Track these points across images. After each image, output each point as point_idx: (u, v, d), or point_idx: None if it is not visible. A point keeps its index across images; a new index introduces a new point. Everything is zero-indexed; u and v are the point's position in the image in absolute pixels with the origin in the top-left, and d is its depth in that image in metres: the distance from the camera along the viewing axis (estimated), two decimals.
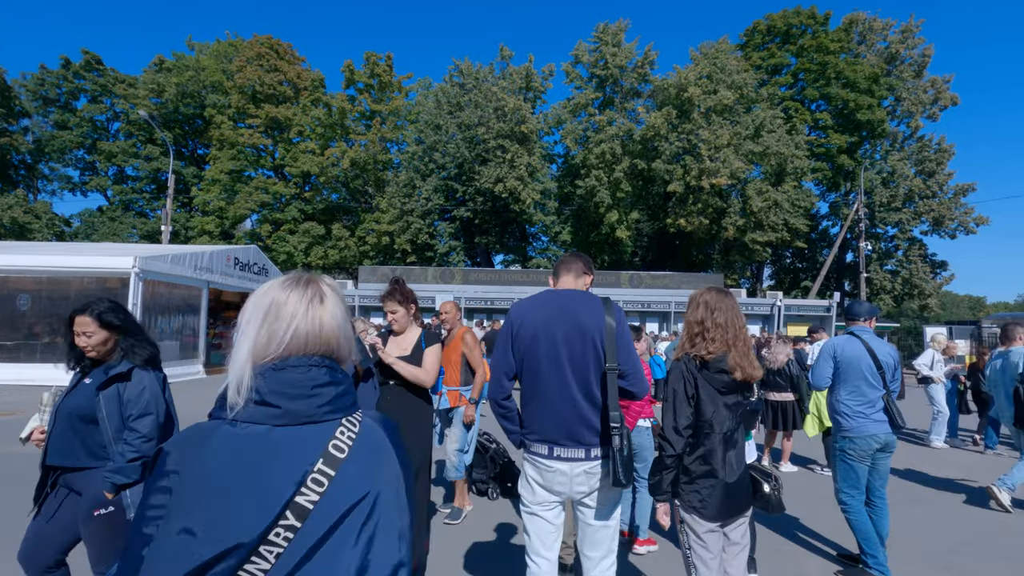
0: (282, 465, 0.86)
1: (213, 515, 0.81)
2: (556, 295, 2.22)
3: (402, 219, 29.17)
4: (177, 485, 0.83)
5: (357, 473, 0.90)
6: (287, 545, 0.83)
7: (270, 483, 0.85)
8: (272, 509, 0.83)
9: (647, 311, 22.59)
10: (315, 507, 0.85)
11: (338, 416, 0.94)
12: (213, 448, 0.86)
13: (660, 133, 24.14)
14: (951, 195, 30.97)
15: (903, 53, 32.30)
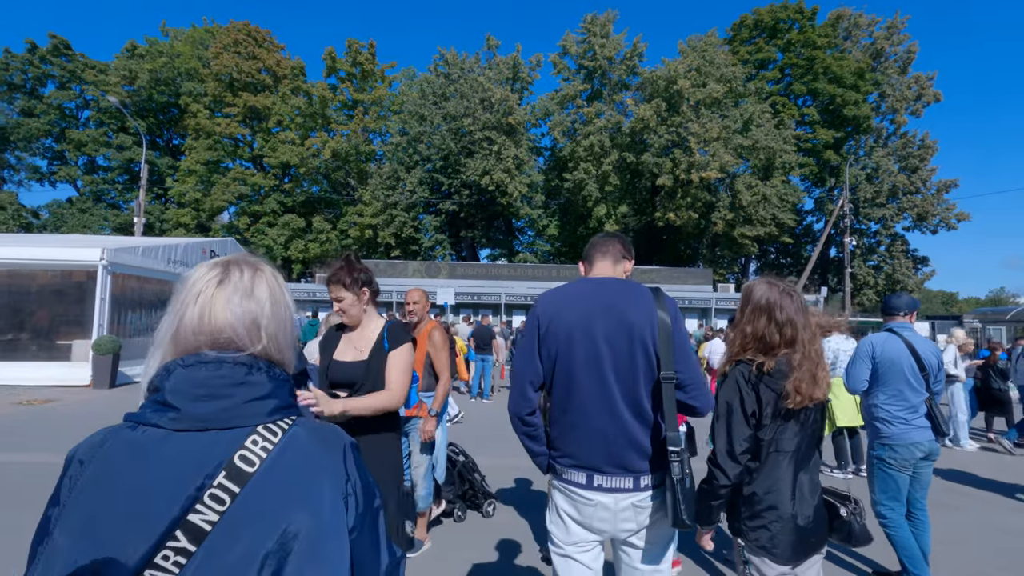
0: (175, 476, 0.72)
1: (89, 528, 0.71)
2: (594, 285, 1.80)
3: (386, 212, 28.52)
4: (66, 489, 0.75)
5: (271, 493, 0.73)
6: (178, 572, 0.69)
7: (159, 497, 0.72)
8: (157, 528, 0.70)
9: None
10: (214, 528, 0.71)
11: (252, 423, 0.77)
12: (106, 452, 0.76)
13: (649, 126, 23.87)
14: (934, 191, 31.36)
15: (888, 50, 32.56)
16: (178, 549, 0.70)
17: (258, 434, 0.77)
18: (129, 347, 12.49)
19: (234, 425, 0.77)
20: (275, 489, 0.74)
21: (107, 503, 0.72)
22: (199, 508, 0.71)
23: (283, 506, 0.73)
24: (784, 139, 24.86)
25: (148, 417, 0.77)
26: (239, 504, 0.72)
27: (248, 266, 0.88)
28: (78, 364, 11.59)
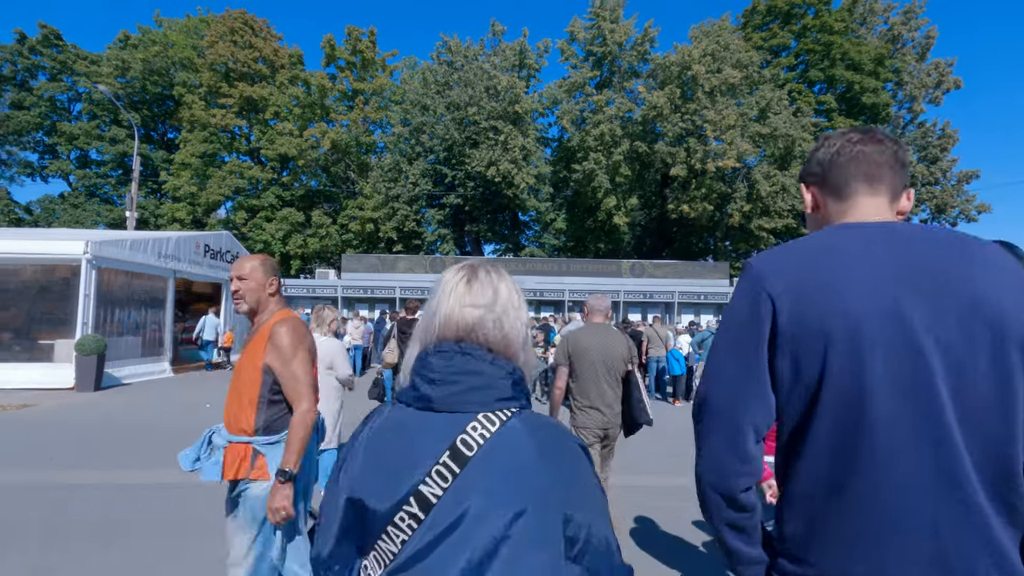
0: (416, 450, 0.85)
1: (361, 478, 0.87)
2: (887, 236, 0.92)
3: (387, 205, 27.76)
4: (347, 446, 0.94)
5: (482, 477, 0.82)
6: (411, 535, 0.82)
7: (404, 466, 0.85)
8: (399, 492, 0.83)
9: (649, 302, 21.61)
10: (438, 501, 0.81)
11: (474, 410, 0.86)
12: (377, 422, 0.93)
13: (663, 113, 23.05)
14: (955, 182, 30.53)
15: (905, 35, 31.66)
16: (411, 514, 0.82)
17: (478, 421, 0.85)
18: (116, 347, 11.75)
19: (458, 410, 0.87)
20: (489, 474, 0.82)
21: (373, 463, 0.88)
22: (428, 481, 0.82)
23: (493, 491, 0.81)
24: (802, 127, 24.01)
25: (403, 396, 0.93)
26: (459, 483, 0.81)
27: (491, 270, 1.00)
28: (60, 365, 10.86)
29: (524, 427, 0.86)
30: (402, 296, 20.03)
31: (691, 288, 21.84)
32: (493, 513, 0.79)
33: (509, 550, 0.78)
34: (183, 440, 6.75)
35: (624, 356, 3.65)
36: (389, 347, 6.91)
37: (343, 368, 4.61)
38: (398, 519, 0.82)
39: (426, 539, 0.80)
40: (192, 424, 8.36)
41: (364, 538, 0.87)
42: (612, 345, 3.63)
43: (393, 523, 0.83)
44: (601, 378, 3.58)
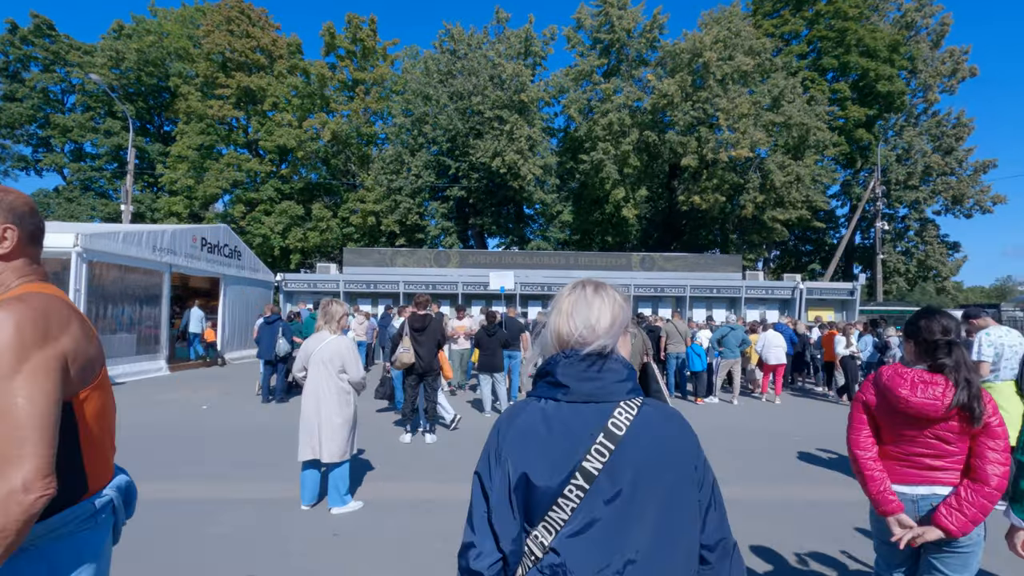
0: (572, 434, 1.08)
1: (522, 462, 1.08)
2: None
3: (389, 198, 27.22)
4: (496, 439, 1.14)
5: (640, 449, 1.07)
6: (578, 503, 1.05)
7: (564, 448, 1.07)
8: (565, 469, 1.06)
9: (660, 295, 21.10)
10: (599, 473, 1.05)
11: (616, 399, 1.11)
12: (524, 416, 1.13)
13: (673, 102, 22.46)
14: (971, 172, 29.93)
15: (919, 23, 30.98)
16: (577, 485, 1.05)
17: (621, 407, 1.10)
18: (108, 344, 11.26)
19: (605, 400, 1.11)
20: (639, 448, 1.07)
21: (531, 448, 1.09)
22: (588, 458, 1.05)
23: (651, 461, 1.07)
24: (817, 115, 23.42)
25: (547, 392, 1.15)
26: (615, 457, 1.05)
27: (603, 286, 1.23)
28: None
29: (654, 411, 1.12)
30: (406, 291, 19.53)
31: (703, 282, 21.30)
32: (649, 476, 1.06)
33: (668, 498, 1.06)
34: (178, 445, 6.11)
35: (639, 349, 3.74)
36: (404, 346, 6.41)
37: (355, 371, 4.12)
38: (567, 492, 1.05)
39: (596, 504, 1.05)
40: (188, 427, 7.94)
41: (531, 513, 1.09)
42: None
43: (563, 496, 1.05)
44: None
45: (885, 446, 2.09)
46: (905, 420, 2.00)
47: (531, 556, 1.09)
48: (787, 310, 21.95)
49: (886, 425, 2.07)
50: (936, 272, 31.15)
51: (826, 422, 9.01)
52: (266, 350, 9.06)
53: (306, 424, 3.98)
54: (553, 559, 1.06)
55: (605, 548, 1.04)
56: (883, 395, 2.04)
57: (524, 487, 1.07)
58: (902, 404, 1.98)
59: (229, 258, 16.75)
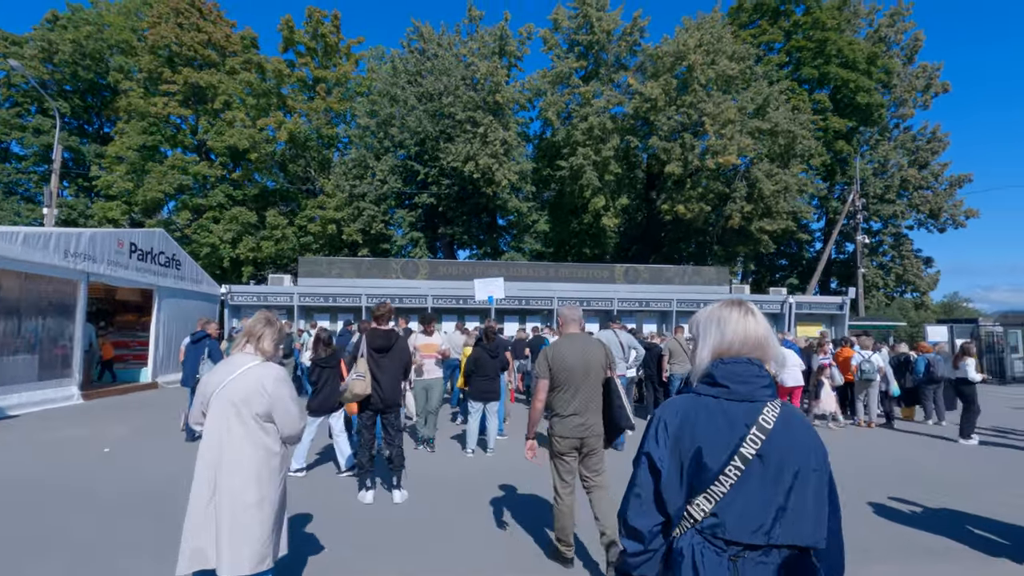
0: (731, 425, 1.39)
1: (688, 446, 1.41)
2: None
3: (352, 205, 25.53)
4: (661, 430, 1.46)
5: (783, 441, 1.38)
6: (735, 480, 1.35)
7: (724, 436, 1.39)
8: (725, 453, 1.37)
9: (645, 310, 20.02)
10: (752, 458, 1.36)
11: (763, 399, 1.43)
12: (688, 409, 1.45)
13: (657, 106, 21.67)
14: (946, 186, 30.28)
15: (891, 38, 31.49)
16: (735, 467, 1.36)
17: (768, 406, 1.42)
18: (4, 368, 9.39)
19: (755, 399, 1.43)
20: (782, 438, 1.39)
21: (703, 432, 1.40)
22: (745, 444, 1.36)
23: (795, 448, 1.39)
24: (801, 124, 23.03)
25: (707, 391, 1.47)
26: (765, 445, 1.37)
27: (753, 307, 1.59)
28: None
29: (790, 411, 1.45)
30: (369, 305, 17.86)
31: (690, 295, 20.36)
32: (792, 460, 1.37)
33: (804, 477, 1.36)
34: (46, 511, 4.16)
35: (603, 363, 3.74)
36: (358, 371, 4.87)
37: (289, 419, 2.60)
38: (727, 470, 1.35)
39: (751, 480, 1.35)
40: (73, 480, 5.62)
41: (697, 484, 1.39)
42: (591, 354, 3.73)
43: (724, 473, 1.36)
44: (582, 388, 3.66)
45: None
46: None
47: (690, 519, 1.39)
48: (776, 325, 21.19)
49: None
50: (914, 287, 31.29)
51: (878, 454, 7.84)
52: (189, 375, 7.37)
53: (194, 512, 2.43)
54: (713, 521, 1.36)
55: (757, 513, 1.34)
56: None
57: (694, 463, 1.39)
58: None
59: (165, 267, 14.84)
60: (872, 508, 5.32)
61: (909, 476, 6.51)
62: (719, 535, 1.35)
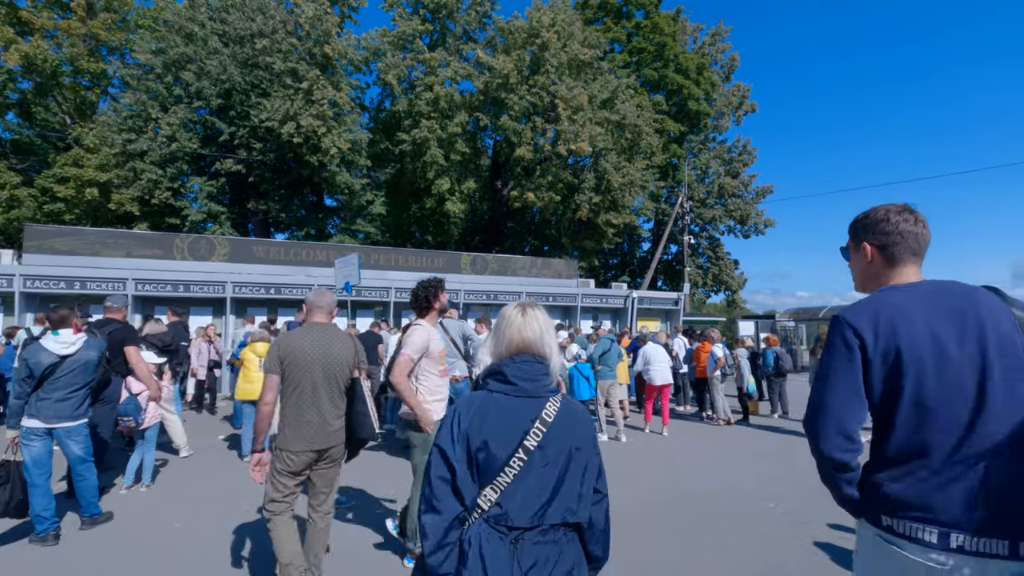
0: (517, 420, 1.57)
1: (500, 437, 1.55)
2: (928, 292, 1.59)
3: (126, 166, 19.92)
4: (457, 419, 1.60)
5: (560, 432, 1.58)
6: (519, 469, 1.52)
7: (511, 430, 1.56)
8: (511, 445, 1.54)
9: (493, 303, 18.47)
10: (535, 449, 1.54)
11: (546, 395, 1.61)
12: (481, 404, 1.60)
13: (509, 83, 20.26)
14: (753, 195, 34.14)
15: (713, 55, 34.68)
16: (519, 458, 1.52)
17: (550, 401, 1.60)
18: None
19: (539, 396, 1.61)
20: (562, 430, 1.58)
21: (492, 426, 1.55)
22: (528, 437, 1.54)
23: (567, 439, 1.58)
24: (646, 121, 23.55)
25: (497, 388, 1.63)
26: (546, 437, 1.55)
27: (533, 306, 1.75)
28: None
29: (568, 403, 1.64)
30: (139, 293, 13.52)
31: (540, 288, 19.35)
32: (566, 445, 1.57)
33: (576, 463, 1.58)
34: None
35: (349, 361, 3.37)
36: None
37: None
38: (512, 461, 1.52)
39: (532, 470, 1.52)
40: None
41: (484, 476, 1.54)
42: (335, 349, 3.33)
43: (508, 464, 1.52)
44: (320, 389, 3.25)
45: None
46: None
47: (478, 510, 1.52)
48: (619, 319, 21.30)
49: None
50: (727, 286, 34.86)
51: (766, 463, 6.98)
52: None
53: None
54: (497, 511, 1.50)
55: (535, 499, 1.50)
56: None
57: (484, 456, 1.53)
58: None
59: None
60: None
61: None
62: (502, 523, 1.49)
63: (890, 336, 1.50)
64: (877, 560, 1.55)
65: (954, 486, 1.41)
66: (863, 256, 1.73)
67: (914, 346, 1.48)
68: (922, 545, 1.42)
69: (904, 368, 1.48)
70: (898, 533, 1.47)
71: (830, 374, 1.58)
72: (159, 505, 5.25)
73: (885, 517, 1.51)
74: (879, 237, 1.69)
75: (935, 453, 1.44)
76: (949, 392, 1.45)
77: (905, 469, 1.49)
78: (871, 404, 1.56)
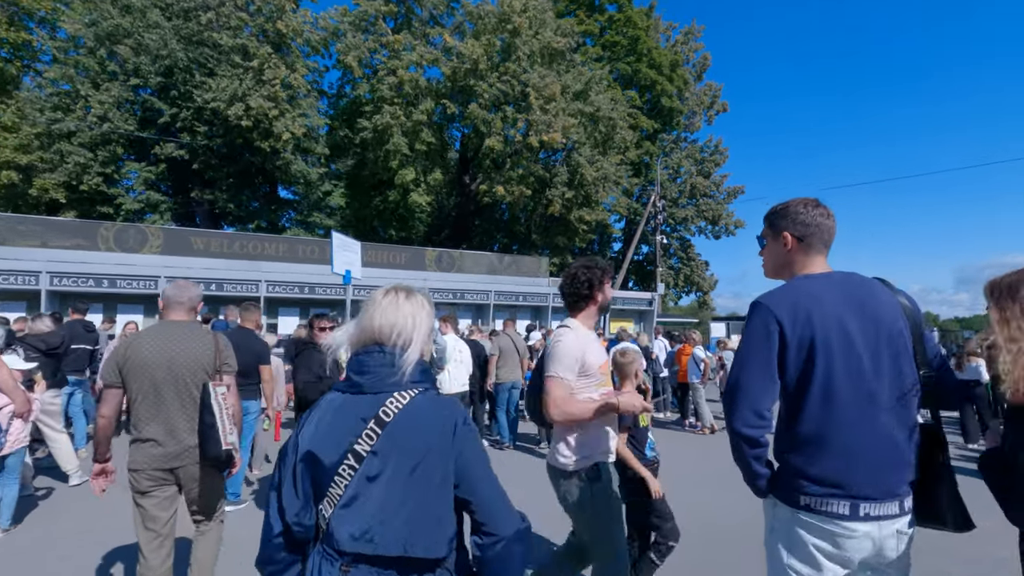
0: (348, 421, 1.32)
1: (317, 438, 1.33)
2: (837, 282, 1.77)
3: (51, 148, 18.07)
4: (303, 420, 1.40)
5: (404, 433, 1.30)
6: (351, 479, 1.28)
7: (340, 432, 1.32)
8: (339, 450, 1.29)
9: (460, 302, 17.42)
10: (367, 455, 1.28)
11: (390, 391, 1.34)
12: (321, 404, 1.41)
13: (479, 69, 19.22)
14: (725, 196, 34.02)
15: (685, 54, 34.45)
16: (350, 466, 1.28)
17: (393, 397, 1.33)
18: None
19: (378, 391, 1.34)
20: (403, 431, 1.30)
21: (316, 431, 1.34)
22: (359, 441, 1.29)
23: (415, 440, 1.30)
24: (620, 115, 22.86)
25: (339, 385, 1.41)
26: (382, 440, 1.29)
27: (404, 290, 1.49)
28: None
29: (425, 399, 1.36)
30: (54, 288, 11.98)
31: (508, 287, 18.40)
32: (413, 454, 1.28)
33: (426, 472, 1.28)
34: None
35: (207, 365, 2.90)
36: None
37: None
38: (341, 470, 1.27)
39: (360, 482, 1.27)
40: None
41: (319, 488, 1.31)
42: (189, 350, 2.87)
43: (338, 473, 1.27)
44: (166, 398, 2.80)
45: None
46: None
47: (320, 529, 1.32)
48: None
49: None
50: (698, 287, 34.63)
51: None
52: None
53: None
54: (328, 530, 1.28)
55: (365, 518, 1.25)
56: None
57: (314, 461, 1.31)
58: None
59: None
60: None
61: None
62: (331, 545, 1.28)
63: (805, 323, 1.64)
64: (793, 536, 1.70)
65: (859, 461, 1.61)
66: (781, 244, 1.85)
67: (825, 333, 1.63)
68: (835, 517, 1.62)
69: (815, 353, 1.62)
70: (814, 510, 1.64)
71: (748, 356, 1.72)
72: (25, 552, 4.05)
73: (803, 497, 1.66)
74: (799, 228, 1.82)
75: (842, 432, 1.61)
76: (852, 375, 1.62)
77: (817, 448, 1.64)
78: (784, 386, 1.69)
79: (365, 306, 1.45)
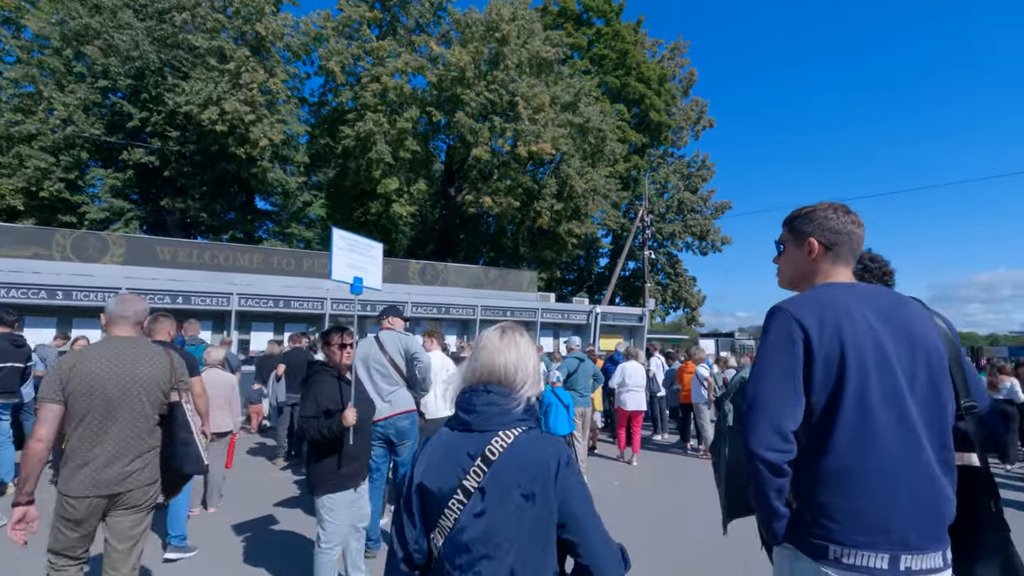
0: (457, 459, 1.37)
1: (422, 475, 1.41)
2: (865, 294, 1.60)
3: (9, 151, 17.09)
4: (419, 454, 1.49)
5: (505, 472, 1.33)
6: (459, 512, 1.32)
7: (452, 468, 1.37)
8: (450, 485, 1.35)
9: (445, 316, 16.72)
10: (475, 490, 1.32)
11: (496, 429, 1.37)
12: (432, 441, 1.47)
13: (465, 77, 18.73)
14: (712, 211, 33.94)
15: (672, 70, 34.57)
16: (458, 500, 1.33)
17: (499, 436, 1.36)
18: None
19: (485, 430, 1.38)
20: (508, 470, 1.33)
21: (430, 465, 1.43)
22: (467, 477, 1.33)
23: (512, 480, 1.32)
24: (610, 127, 22.55)
25: (449, 422, 1.47)
26: (488, 477, 1.32)
27: (517, 330, 1.54)
28: None
29: (527, 438, 1.37)
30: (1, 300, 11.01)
31: (496, 302, 17.75)
32: (507, 497, 1.31)
33: (528, 517, 1.31)
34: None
35: (162, 382, 2.77)
36: None
37: None
38: (450, 503, 1.33)
39: (468, 516, 1.31)
40: None
41: (430, 519, 1.38)
42: (140, 368, 2.72)
43: (448, 506, 1.33)
44: (113, 419, 2.63)
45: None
46: None
47: (433, 557, 1.38)
48: (582, 336, 19.93)
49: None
50: (686, 303, 34.32)
51: None
52: None
53: None
54: (439, 557, 1.35)
55: (466, 551, 1.30)
56: None
57: (423, 496, 1.39)
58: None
59: None
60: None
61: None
62: (442, 573, 1.35)
63: (834, 335, 1.46)
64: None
65: (900, 499, 1.38)
66: (804, 251, 1.70)
67: (858, 348, 1.45)
68: (870, 573, 1.38)
69: (847, 371, 1.43)
70: (846, 564, 1.39)
71: (768, 366, 1.52)
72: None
73: (832, 547, 1.41)
74: (827, 235, 1.67)
75: (881, 464, 1.39)
76: (888, 398, 1.42)
77: (848, 484, 1.41)
78: (806, 410, 1.47)
79: (479, 345, 1.52)
